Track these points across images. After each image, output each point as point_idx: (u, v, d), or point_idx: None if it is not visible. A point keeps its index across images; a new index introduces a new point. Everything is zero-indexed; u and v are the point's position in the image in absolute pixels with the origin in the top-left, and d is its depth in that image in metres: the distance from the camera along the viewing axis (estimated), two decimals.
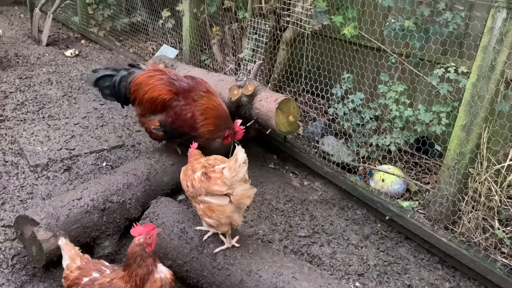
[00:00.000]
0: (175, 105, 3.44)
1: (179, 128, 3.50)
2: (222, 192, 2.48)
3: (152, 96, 3.46)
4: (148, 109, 3.52)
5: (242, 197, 2.48)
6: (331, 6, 4.19)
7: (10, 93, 5.30)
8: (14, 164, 3.95)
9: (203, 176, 2.56)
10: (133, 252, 2.27)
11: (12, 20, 8.52)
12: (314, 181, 4.24)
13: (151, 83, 3.48)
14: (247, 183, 2.50)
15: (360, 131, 4.09)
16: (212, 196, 2.51)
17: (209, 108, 3.51)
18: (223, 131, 3.59)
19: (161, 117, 3.51)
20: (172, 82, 3.51)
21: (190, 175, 2.64)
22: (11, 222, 3.28)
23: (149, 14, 6.90)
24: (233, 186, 2.45)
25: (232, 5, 5.02)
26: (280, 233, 3.51)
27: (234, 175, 2.41)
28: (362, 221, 3.76)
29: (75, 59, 6.67)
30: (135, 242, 2.29)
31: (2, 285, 2.81)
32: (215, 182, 2.49)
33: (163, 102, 3.48)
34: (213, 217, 2.56)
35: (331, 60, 4.36)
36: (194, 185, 2.58)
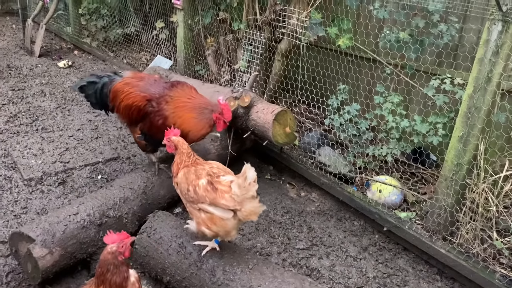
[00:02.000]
0: (150, 112, 3.33)
1: (156, 134, 3.31)
2: (229, 207, 2.47)
3: (127, 104, 3.37)
4: (126, 117, 3.44)
5: (251, 214, 2.48)
6: (326, 17, 4.21)
7: (3, 105, 5.24)
8: (8, 178, 3.90)
9: (209, 185, 2.52)
10: (105, 260, 2.22)
11: (3, 31, 8.46)
12: (311, 192, 4.23)
13: (126, 91, 3.38)
14: (256, 200, 2.48)
15: (357, 141, 4.09)
16: (216, 208, 2.49)
17: (180, 107, 3.30)
18: (208, 119, 3.34)
19: (141, 125, 3.45)
20: (147, 88, 3.38)
21: (194, 180, 2.58)
22: (5, 238, 3.22)
23: (142, 24, 6.89)
24: (242, 203, 2.44)
25: (227, 16, 5.02)
26: (278, 245, 3.48)
27: (244, 193, 2.41)
28: (360, 233, 3.75)
29: (68, 70, 6.63)
30: (107, 250, 2.23)
31: None
32: (223, 196, 2.47)
33: (138, 109, 3.35)
34: (212, 229, 2.54)
35: (326, 71, 4.37)
36: (198, 192, 2.54)
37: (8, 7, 9.97)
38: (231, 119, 3.39)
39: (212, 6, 5.18)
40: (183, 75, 5.53)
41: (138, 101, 3.35)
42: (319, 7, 4.15)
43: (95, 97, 3.50)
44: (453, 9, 3.29)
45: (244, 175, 2.37)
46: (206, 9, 5.27)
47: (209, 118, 3.34)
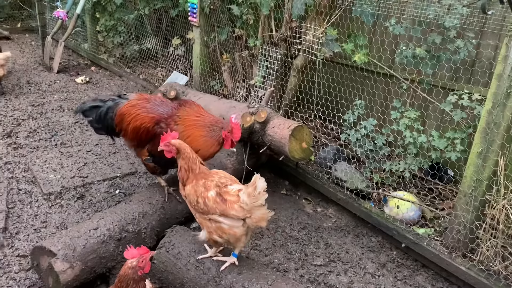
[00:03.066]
0: (159, 133, 3.21)
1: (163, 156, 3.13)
2: (239, 217, 2.53)
3: (135, 126, 3.32)
4: (135, 140, 3.39)
5: (260, 220, 2.55)
6: (342, 34, 4.24)
7: (23, 120, 5.35)
8: (28, 192, 3.96)
9: (218, 197, 2.57)
10: (126, 274, 2.25)
11: (23, 48, 8.65)
12: (327, 208, 4.21)
13: (133, 113, 3.33)
14: (264, 207, 2.55)
15: (373, 157, 4.08)
16: (226, 218, 2.55)
17: (189, 126, 3.25)
18: (217, 137, 3.25)
19: (149, 146, 3.39)
20: (155, 109, 3.34)
21: (202, 192, 2.61)
22: (25, 252, 3.27)
23: (158, 41, 7.01)
24: (251, 211, 2.51)
25: (242, 33, 5.09)
26: (295, 261, 3.47)
27: (253, 202, 2.48)
28: (378, 249, 3.72)
29: (86, 86, 6.75)
30: (128, 265, 2.26)
31: None
32: (232, 206, 2.53)
33: (147, 131, 3.31)
34: (223, 237, 2.60)
35: (342, 86, 4.40)
36: (207, 204, 2.58)
37: (27, 25, 10.20)
38: (239, 138, 3.30)
39: (228, 23, 5.26)
40: (199, 90, 5.60)
41: (147, 122, 3.29)
42: (335, 23, 4.20)
43: (98, 121, 3.45)
44: (470, 25, 3.31)
45: (254, 184, 2.45)
46: (222, 26, 5.35)
47: (218, 135, 3.27)
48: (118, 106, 3.43)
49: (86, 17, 7.78)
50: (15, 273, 3.09)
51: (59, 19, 7.30)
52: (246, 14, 4.77)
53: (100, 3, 7.22)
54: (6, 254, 3.25)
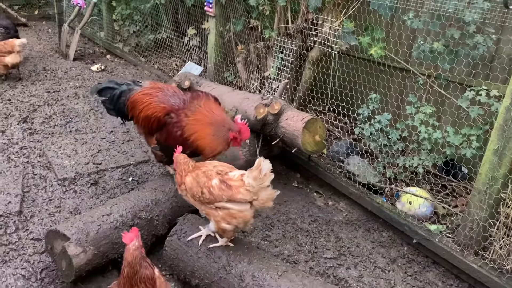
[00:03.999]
0: (168, 123, 3.30)
1: (172, 145, 3.23)
2: (247, 200, 2.60)
3: (146, 115, 3.35)
4: (146, 128, 3.43)
5: (266, 201, 2.63)
6: (359, 26, 4.20)
7: (39, 106, 5.41)
8: (43, 177, 4.02)
9: (222, 184, 2.63)
10: (135, 257, 2.25)
11: (40, 35, 8.73)
12: (338, 202, 4.20)
13: (145, 101, 3.37)
14: (270, 187, 2.62)
15: (387, 152, 4.05)
16: (233, 203, 2.61)
17: (198, 120, 3.27)
18: (224, 136, 3.26)
19: (157, 135, 3.42)
20: (167, 100, 3.36)
21: (205, 182, 2.66)
22: (40, 235, 3.32)
23: (174, 31, 7.02)
24: (258, 193, 2.59)
25: (258, 24, 5.07)
26: (305, 254, 3.47)
27: (260, 184, 2.55)
28: (389, 244, 3.71)
29: (101, 74, 6.80)
30: (132, 248, 2.26)
31: None
32: (238, 191, 2.60)
33: (158, 121, 3.34)
34: (232, 223, 2.65)
35: (356, 80, 4.36)
36: (213, 192, 2.63)
37: (44, 12, 10.29)
38: (248, 138, 3.31)
39: (243, 14, 5.24)
40: (213, 81, 5.60)
41: (158, 112, 3.32)
42: (352, 16, 4.16)
43: (110, 102, 3.51)
44: (490, 20, 3.25)
45: (259, 167, 2.52)
46: (237, 16, 5.33)
47: (226, 136, 3.26)
48: (131, 92, 3.47)
49: (103, 6, 7.81)
50: (29, 256, 3.15)
51: (77, 7, 7.35)
52: (262, 5, 4.74)
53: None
54: (20, 237, 3.31)
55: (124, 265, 2.27)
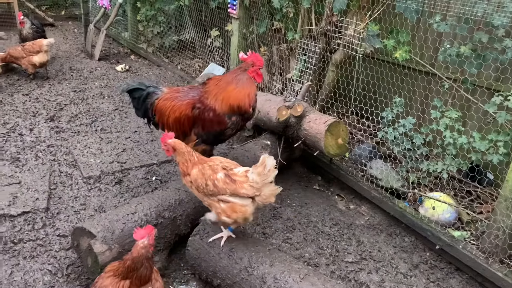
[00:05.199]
0: (198, 113, 3.41)
1: (212, 128, 3.41)
2: (249, 195, 2.67)
3: (175, 117, 3.45)
4: (179, 130, 3.48)
5: (269, 197, 2.70)
6: (384, 29, 4.17)
7: (65, 105, 5.53)
8: (69, 175, 4.11)
9: (227, 178, 2.71)
10: (140, 255, 2.30)
11: (66, 35, 8.92)
12: (360, 205, 4.18)
13: (169, 106, 3.47)
14: (273, 184, 2.69)
15: (411, 156, 4.01)
16: (236, 197, 2.69)
17: (218, 90, 3.37)
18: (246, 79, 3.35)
19: (194, 130, 3.50)
20: (186, 96, 3.49)
21: (211, 175, 2.74)
22: (66, 232, 3.40)
23: (197, 32, 7.08)
24: (261, 189, 2.66)
25: (281, 26, 5.08)
26: (326, 257, 3.47)
27: (264, 180, 2.63)
28: (411, 249, 3.67)
29: (126, 74, 6.91)
30: (140, 245, 2.32)
31: None
32: (242, 186, 2.67)
33: (187, 118, 3.44)
34: (232, 217, 2.72)
35: (381, 83, 4.33)
36: (217, 185, 2.71)
37: (70, 12, 10.52)
38: (263, 61, 3.42)
39: (267, 16, 5.25)
40: None
41: (184, 109, 3.43)
42: (377, 19, 4.13)
43: (138, 103, 3.60)
44: None
45: (263, 163, 2.59)
46: (261, 18, 5.34)
47: (247, 78, 3.37)
48: (154, 97, 3.56)
49: (128, 7, 7.93)
50: (56, 252, 3.23)
51: (102, 8, 7.48)
52: (286, 7, 4.75)
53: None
54: (47, 233, 3.40)
55: (128, 257, 2.32)
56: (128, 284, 2.31)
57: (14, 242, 3.27)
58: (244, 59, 3.46)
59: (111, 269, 2.38)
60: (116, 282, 2.32)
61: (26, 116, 5.14)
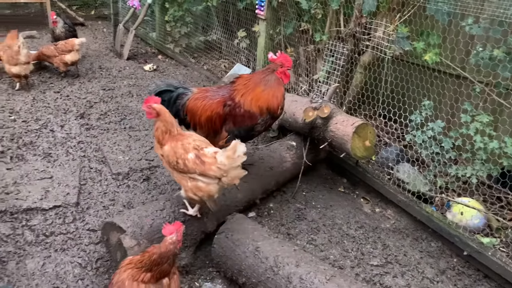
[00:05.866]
0: (229, 110, 3.47)
1: (243, 123, 3.49)
2: (216, 176, 2.82)
3: (207, 116, 3.52)
4: (211, 128, 3.57)
5: (234, 179, 2.85)
6: (413, 32, 4.12)
7: (95, 103, 5.66)
8: (98, 171, 4.20)
9: (197, 159, 2.83)
10: (168, 250, 2.33)
11: (96, 34, 9.11)
12: (386, 209, 4.14)
13: (200, 105, 3.54)
14: (239, 167, 2.83)
15: (439, 160, 3.95)
16: (204, 177, 2.84)
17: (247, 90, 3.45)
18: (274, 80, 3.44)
19: (225, 127, 3.56)
20: (216, 95, 3.56)
21: (182, 154, 2.86)
22: (95, 227, 3.49)
23: (224, 32, 7.14)
24: (228, 171, 2.80)
25: (309, 27, 5.07)
26: (351, 259, 3.45)
27: (231, 163, 2.77)
28: (438, 255, 3.62)
29: (153, 74, 7.01)
30: (169, 241, 2.35)
31: (87, 286, 2.98)
32: (210, 167, 2.81)
33: (219, 116, 3.51)
34: (198, 194, 2.88)
35: (410, 85, 4.28)
36: (187, 165, 2.84)
37: (100, 12, 10.75)
38: (292, 62, 3.49)
39: (294, 17, 5.26)
40: None
41: (215, 108, 3.50)
42: (407, 21, 4.09)
43: (168, 105, 3.59)
44: None
45: (233, 148, 2.73)
46: (288, 19, 5.36)
47: (275, 79, 3.44)
48: (185, 98, 3.62)
49: (156, 7, 8.05)
50: (85, 246, 3.31)
51: (132, 8, 7.62)
52: (314, 9, 4.74)
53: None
54: (78, 227, 3.49)
55: (154, 251, 2.34)
56: (149, 277, 2.34)
57: (46, 235, 3.37)
58: (273, 59, 3.50)
59: (130, 262, 2.41)
60: (137, 274, 2.34)
61: (57, 113, 5.28)
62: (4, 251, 3.18)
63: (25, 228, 3.41)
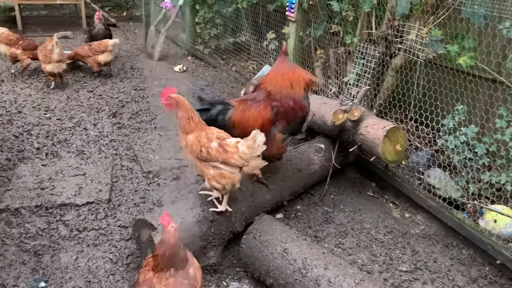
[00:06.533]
0: (277, 112, 3.48)
1: (296, 118, 3.57)
2: (238, 165, 2.93)
3: (260, 124, 3.46)
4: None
5: (254, 168, 2.99)
6: (447, 34, 4.05)
7: (127, 102, 5.79)
8: (130, 169, 4.29)
9: (220, 147, 2.93)
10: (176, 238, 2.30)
11: (127, 35, 9.31)
12: (416, 214, 4.07)
13: (247, 116, 3.49)
14: (259, 157, 2.96)
15: (472, 166, 3.86)
16: (226, 165, 2.93)
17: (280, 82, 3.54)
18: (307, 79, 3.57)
19: (277, 127, 3.53)
20: (257, 100, 3.55)
21: (206, 143, 2.95)
22: (126, 223, 3.56)
23: (253, 34, 7.17)
24: (249, 160, 2.92)
25: (340, 29, 5.05)
26: (380, 264, 3.41)
27: (252, 153, 2.89)
28: (469, 262, 3.54)
29: (183, 75, 7.11)
30: (172, 229, 2.31)
31: (118, 281, 3.05)
32: (232, 156, 2.91)
33: (270, 120, 3.50)
34: (221, 182, 2.97)
35: (441, 89, 4.20)
36: (210, 153, 2.93)
37: (131, 14, 10.98)
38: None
39: (325, 19, 5.24)
40: None
41: (265, 114, 3.48)
42: (441, 23, 4.02)
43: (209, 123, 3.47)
44: None
45: (254, 138, 2.85)
46: (319, 22, 5.34)
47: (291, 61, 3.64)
48: (229, 112, 3.54)
49: (187, 9, 8.15)
50: (116, 242, 3.39)
51: (164, 10, 7.74)
52: (346, 11, 4.72)
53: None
54: (109, 223, 3.57)
55: (162, 248, 2.30)
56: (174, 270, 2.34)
57: (79, 230, 3.47)
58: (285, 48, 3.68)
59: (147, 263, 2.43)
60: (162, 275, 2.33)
61: (90, 112, 5.42)
62: (39, 245, 3.29)
63: (59, 223, 3.52)
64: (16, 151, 4.43)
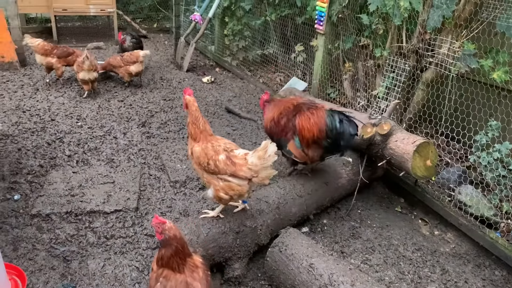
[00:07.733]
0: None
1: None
2: (247, 177, 2.88)
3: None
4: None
5: (264, 179, 2.92)
6: (481, 49, 3.97)
7: (156, 112, 5.88)
8: (157, 178, 4.34)
9: (228, 160, 2.89)
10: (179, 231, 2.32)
11: (157, 46, 9.49)
12: (446, 232, 3.96)
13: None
14: (270, 167, 2.89)
15: (505, 184, 3.74)
16: (235, 178, 2.89)
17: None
18: None
19: None
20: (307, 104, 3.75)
21: (213, 155, 2.92)
22: (152, 232, 3.59)
23: (281, 46, 7.20)
24: (258, 171, 2.86)
25: (369, 42, 5.02)
26: (408, 283, 3.33)
27: (263, 163, 2.83)
28: (502, 284, 3.41)
29: (211, 86, 7.19)
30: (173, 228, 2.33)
31: None
32: (241, 168, 2.87)
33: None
34: (229, 194, 2.93)
35: (474, 104, 4.11)
36: (218, 166, 2.89)
37: (162, 25, 11.20)
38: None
39: (354, 32, 5.22)
40: (316, 97, 5.63)
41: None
42: (474, 37, 3.94)
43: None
44: None
45: (265, 148, 2.80)
46: (348, 34, 5.32)
47: None
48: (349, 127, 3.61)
49: (216, 21, 8.28)
50: (143, 250, 3.42)
51: (193, 22, 7.87)
52: (376, 24, 4.69)
53: (230, 8, 7.65)
54: (136, 231, 3.61)
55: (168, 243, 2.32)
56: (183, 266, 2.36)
57: (106, 237, 3.51)
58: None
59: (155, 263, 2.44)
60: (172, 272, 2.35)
61: (120, 121, 5.53)
62: (68, 250, 3.35)
63: (88, 229, 3.58)
64: (48, 158, 4.55)
